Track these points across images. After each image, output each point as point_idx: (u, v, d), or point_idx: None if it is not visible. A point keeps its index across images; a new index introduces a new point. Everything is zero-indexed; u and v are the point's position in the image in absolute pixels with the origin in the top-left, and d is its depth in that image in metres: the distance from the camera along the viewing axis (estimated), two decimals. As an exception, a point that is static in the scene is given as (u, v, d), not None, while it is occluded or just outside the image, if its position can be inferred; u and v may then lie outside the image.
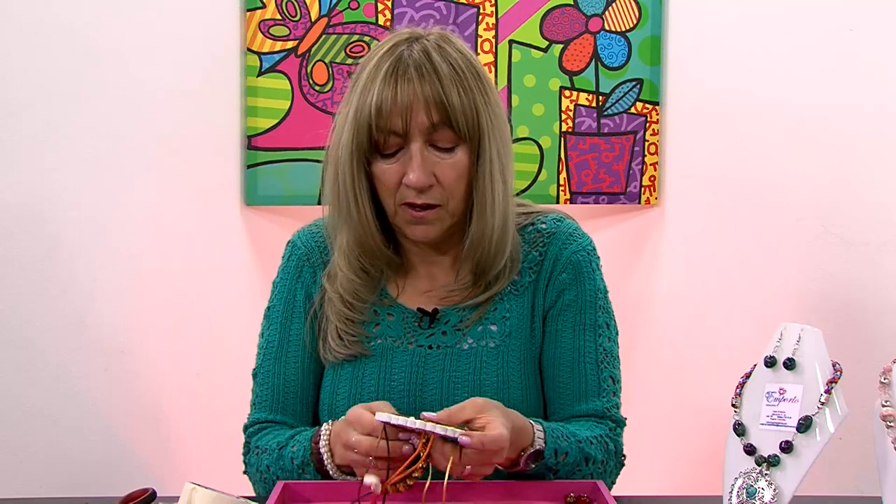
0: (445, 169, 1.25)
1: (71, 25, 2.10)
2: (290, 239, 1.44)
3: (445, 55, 1.26)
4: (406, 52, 1.25)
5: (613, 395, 1.35)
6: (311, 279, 1.38)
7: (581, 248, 1.37)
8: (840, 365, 1.12)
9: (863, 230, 2.19)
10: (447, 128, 1.24)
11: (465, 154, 1.26)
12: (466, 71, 1.26)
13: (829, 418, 1.10)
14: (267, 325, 1.40)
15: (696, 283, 2.24)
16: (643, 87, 2.20)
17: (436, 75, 1.23)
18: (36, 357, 2.14)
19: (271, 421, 1.35)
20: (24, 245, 2.12)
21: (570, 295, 1.35)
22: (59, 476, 2.15)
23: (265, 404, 1.36)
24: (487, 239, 1.29)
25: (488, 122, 1.27)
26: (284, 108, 2.14)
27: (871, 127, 2.18)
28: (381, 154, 1.26)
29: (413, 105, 1.22)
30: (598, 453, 1.27)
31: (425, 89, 1.22)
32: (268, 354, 1.38)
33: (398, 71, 1.23)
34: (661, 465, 2.17)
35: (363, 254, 1.32)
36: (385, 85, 1.23)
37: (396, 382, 1.30)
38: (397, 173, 1.25)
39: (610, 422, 1.33)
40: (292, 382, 1.35)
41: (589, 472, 1.26)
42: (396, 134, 1.24)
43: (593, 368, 1.33)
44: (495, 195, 1.28)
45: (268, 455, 1.29)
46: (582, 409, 1.33)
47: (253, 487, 1.35)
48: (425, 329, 1.33)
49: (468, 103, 1.24)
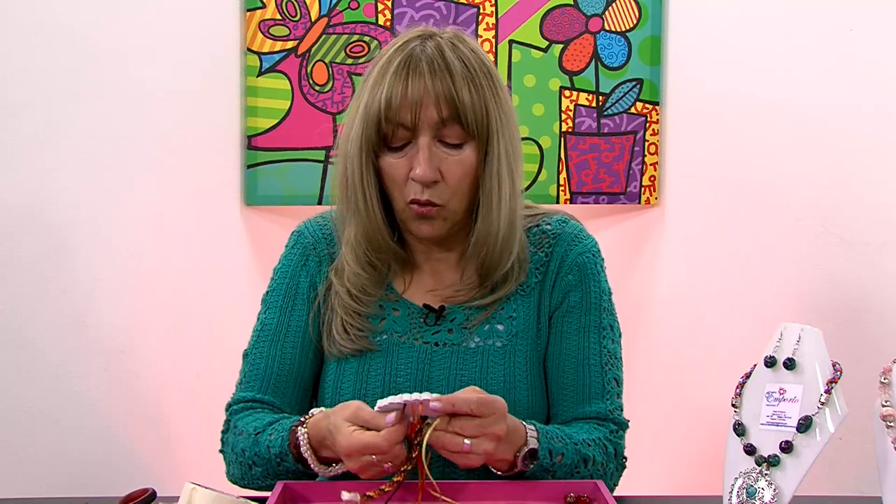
0: (452, 165, 1.26)
1: (71, 25, 2.10)
2: (296, 228, 1.43)
3: (458, 53, 1.26)
4: (419, 49, 1.26)
5: (617, 397, 1.35)
6: (317, 269, 1.38)
7: (587, 250, 1.37)
8: (840, 365, 1.12)
9: (863, 230, 2.19)
10: (456, 124, 1.24)
11: (473, 152, 1.26)
12: (478, 69, 1.26)
13: (829, 418, 1.10)
14: (265, 308, 1.39)
15: (696, 283, 2.24)
16: (643, 87, 2.20)
17: (447, 71, 1.24)
18: (36, 357, 2.14)
19: (257, 400, 1.33)
20: (24, 245, 2.12)
21: (575, 296, 1.35)
22: (59, 476, 2.15)
23: (253, 384, 1.34)
24: (493, 237, 1.29)
25: (498, 120, 1.27)
26: (284, 108, 2.14)
27: (871, 127, 2.18)
28: (388, 147, 1.26)
29: (423, 99, 1.23)
30: (597, 455, 1.27)
31: (436, 84, 1.23)
32: (263, 336, 1.36)
33: (410, 65, 1.24)
34: (661, 465, 2.17)
35: (370, 248, 1.32)
36: (396, 79, 1.23)
37: (402, 378, 1.30)
38: (405, 167, 1.26)
39: (612, 424, 1.33)
40: (288, 366, 1.34)
41: (588, 473, 1.26)
42: (405, 127, 1.24)
43: (597, 371, 1.33)
44: (502, 194, 1.28)
45: (244, 439, 1.27)
46: (585, 411, 1.32)
47: (227, 468, 1.33)
48: (431, 326, 1.33)
49: (478, 101, 1.25)
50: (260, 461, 1.25)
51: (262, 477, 1.27)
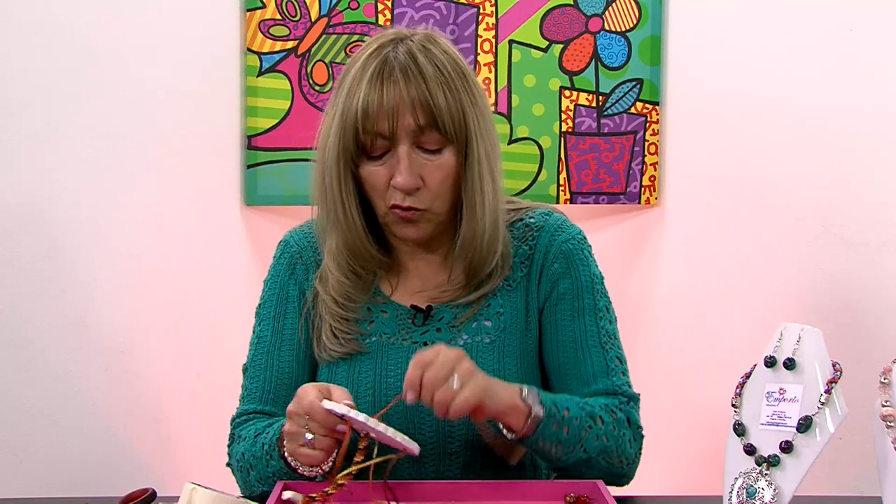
0: (432, 170, 1.25)
1: (71, 25, 2.10)
2: (282, 238, 1.44)
3: (431, 56, 1.25)
4: (391, 54, 1.25)
5: (623, 374, 1.32)
6: (304, 276, 1.38)
7: (571, 238, 1.37)
8: (840, 365, 1.12)
9: (863, 230, 2.19)
10: (434, 130, 1.24)
11: (453, 155, 1.26)
12: (452, 72, 1.25)
13: (829, 418, 1.10)
14: (258, 321, 1.40)
15: (696, 283, 2.24)
16: (643, 87, 2.20)
17: (421, 77, 1.23)
18: (36, 357, 2.14)
19: (261, 412, 1.33)
20: (24, 245, 2.12)
21: (564, 283, 1.34)
22: (59, 476, 2.15)
23: (255, 396, 1.35)
24: (479, 238, 1.29)
25: (475, 122, 1.26)
26: (284, 108, 2.14)
27: (871, 127, 2.18)
28: (367, 156, 1.26)
29: (399, 107, 1.22)
30: (603, 414, 1.25)
31: (411, 91, 1.22)
32: (260, 348, 1.37)
33: (384, 73, 1.23)
34: (661, 465, 2.16)
35: (352, 256, 1.32)
36: (371, 87, 1.22)
37: (392, 379, 1.30)
38: (385, 175, 1.25)
39: (621, 396, 1.30)
40: (286, 375, 1.34)
41: (602, 432, 1.23)
42: (383, 136, 1.24)
43: (598, 350, 1.32)
44: (485, 195, 1.28)
45: (245, 443, 1.28)
46: (592, 390, 1.30)
47: (236, 481, 1.33)
48: (419, 326, 1.33)
49: (454, 104, 1.24)
50: (255, 462, 1.25)
51: (256, 482, 1.26)
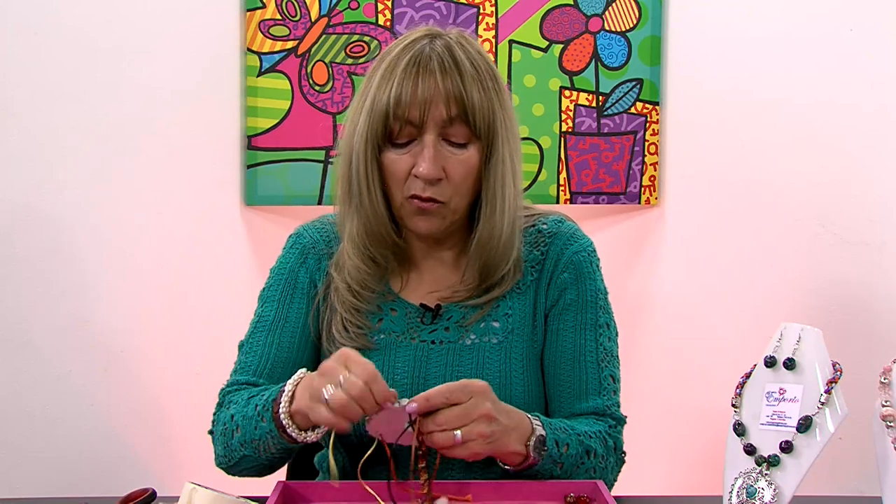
0: (456, 164, 1.26)
1: (71, 25, 2.10)
2: (294, 231, 1.44)
3: (467, 53, 1.27)
4: (428, 47, 1.26)
5: (614, 393, 1.36)
6: (316, 265, 1.38)
7: (582, 249, 1.38)
8: (840, 365, 1.13)
9: (861, 230, 2.19)
10: (463, 123, 1.25)
11: (477, 152, 1.27)
12: (485, 72, 1.28)
13: (829, 418, 1.10)
14: (262, 303, 1.39)
15: (695, 283, 2.24)
16: (643, 87, 2.20)
17: (457, 71, 1.25)
18: (36, 357, 2.14)
19: (253, 384, 1.32)
20: (25, 245, 2.12)
21: (571, 294, 1.36)
22: (59, 476, 2.15)
23: (249, 369, 1.33)
24: (496, 240, 1.30)
25: (503, 123, 1.29)
26: (284, 108, 2.14)
27: (871, 127, 2.18)
28: (392, 143, 1.27)
29: (433, 97, 1.23)
30: (598, 447, 1.28)
31: (447, 83, 1.24)
32: (260, 327, 1.36)
33: (420, 63, 1.25)
34: (661, 465, 2.17)
35: (371, 242, 1.32)
36: (406, 76, 1.24)
37: (400, 377, 1.31)
38: (407, 164, 1.26)
39: (610, 419, 1.34)
40: (285, 353, 1.34)
41: (592, 465, 1.26)
42: (412, 124, 1.25)
43: (594, 367, 1.34)
44: (506, 198, 1.29)
45: (235, 405, 1.26)
46: (582, 406, 1.33)
47: (214, 452, 1.30)
48: (428, 325, 1.34)
49: (486, 102, 1.26)
50: (244, 423, 1.22)
51: (239, 445, 1.23)
